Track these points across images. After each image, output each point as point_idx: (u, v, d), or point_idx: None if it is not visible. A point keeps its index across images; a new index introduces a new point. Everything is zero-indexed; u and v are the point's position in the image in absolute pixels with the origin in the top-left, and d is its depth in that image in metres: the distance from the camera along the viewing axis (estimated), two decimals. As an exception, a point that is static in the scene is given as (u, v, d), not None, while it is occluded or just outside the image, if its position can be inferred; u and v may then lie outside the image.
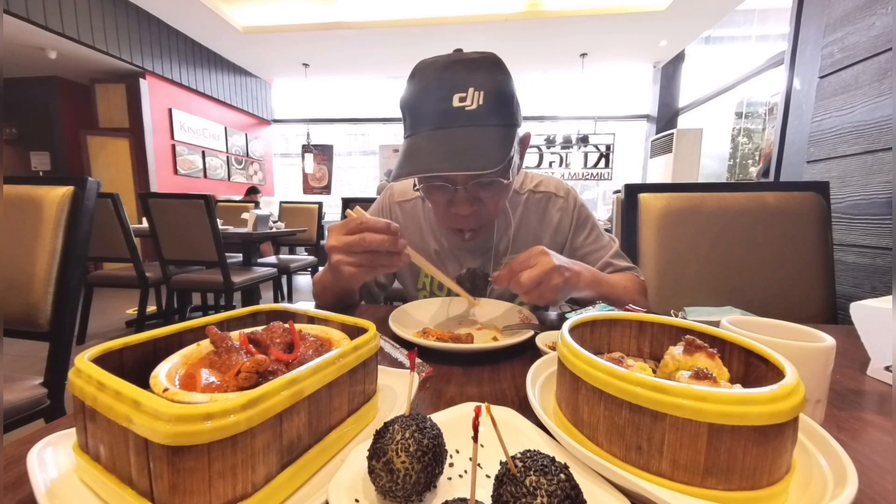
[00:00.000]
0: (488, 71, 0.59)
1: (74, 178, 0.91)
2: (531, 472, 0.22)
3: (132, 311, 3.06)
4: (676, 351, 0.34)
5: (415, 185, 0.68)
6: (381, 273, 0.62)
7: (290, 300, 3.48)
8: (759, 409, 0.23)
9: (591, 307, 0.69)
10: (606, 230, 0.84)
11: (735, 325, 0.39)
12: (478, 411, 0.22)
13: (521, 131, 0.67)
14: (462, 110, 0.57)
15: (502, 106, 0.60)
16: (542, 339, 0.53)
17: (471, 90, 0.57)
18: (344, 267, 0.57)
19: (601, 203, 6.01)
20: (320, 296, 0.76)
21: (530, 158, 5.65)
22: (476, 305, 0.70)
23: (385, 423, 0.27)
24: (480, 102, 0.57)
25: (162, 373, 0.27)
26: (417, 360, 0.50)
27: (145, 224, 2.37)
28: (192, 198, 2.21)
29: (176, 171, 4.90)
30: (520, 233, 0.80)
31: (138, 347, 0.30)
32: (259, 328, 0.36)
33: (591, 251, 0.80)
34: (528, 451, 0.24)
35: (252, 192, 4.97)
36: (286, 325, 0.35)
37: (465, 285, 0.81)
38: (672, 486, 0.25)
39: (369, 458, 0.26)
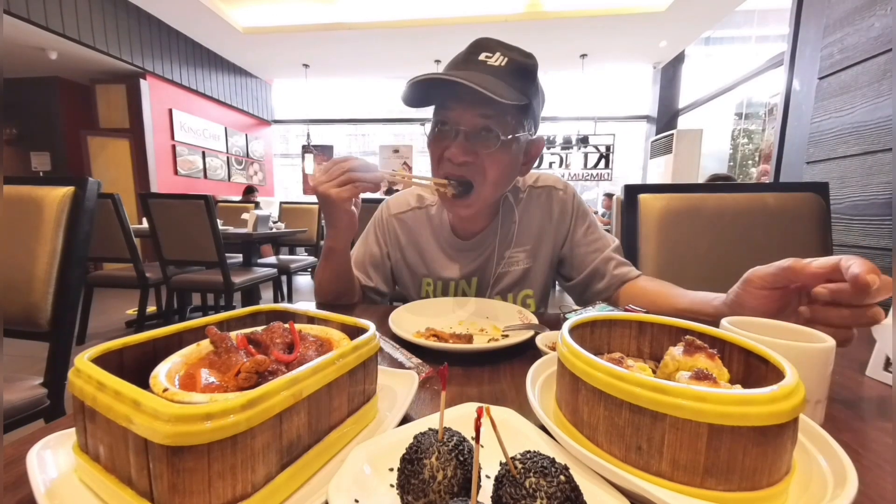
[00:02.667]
0: (522, 53, 0.65)
1: (75, 179, 0.91)
2: (531, 474, 0.22)
3: (132, 312, 3.06)
4: (676, 351, 0.34)
5: (423, 125, 0.71)
6: (361, 189, 0.63)
7: (290, 300, 3.48)
8: (759, 409, 0.23)
9: (590, 307, 0.69)
10: (606, 229, 0.85)
11: (735, 325, 0.39)
12: (480, 412, 0.21)
13: (534, 136, 0.71)
14: (484, 63, 0.63)
15: (522, 78, 0.64)
16: (542, 340, 0.53)
17: (497, 54, 0.63)
18: (330, 191, 0.61)
19: (600, 204, 6.02)
20: (321, 286, 0.77)
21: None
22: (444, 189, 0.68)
23: (415, 448, 0.25)
24: (503, 64, 0.62)
25: (162, 373, 0.27)
26: (417, 361, 0.50)
27: (145, 224, 2.37)
28: (193, 198, 2.21)
29: (176, 172, 4.90)
30: (523, 227, 0.80)
31: (138, 347, 0.30)
32: (259, 328, 0.36)
33: (590, 242, 0.80)
34: (528, 452, 0.24)
35: (249, 191, 4.96)
36: (286, 326, 0.35)
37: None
38: (672, 487, 0.24)
39: (402, 491, 0.24)
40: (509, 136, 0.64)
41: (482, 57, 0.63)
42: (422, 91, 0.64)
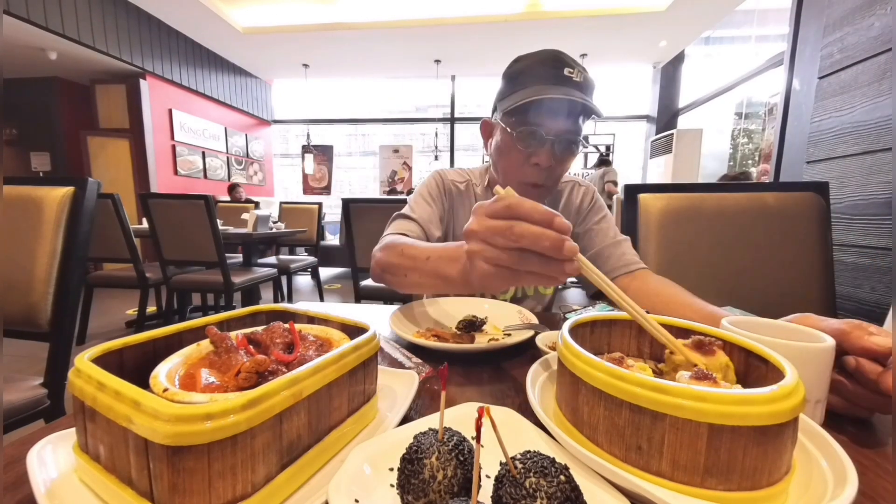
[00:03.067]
0: (585, 69, 0.72)
1: (74, 179, 0.91)
2: (531, 474, 0.22)
3: (132, 312, 3.06)
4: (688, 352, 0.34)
5: (507, 129, 0.73)
6: (529, 285, 0.55)
7: (290, 300, 3.48)
8: (759, 409, 0.23)
9: (590, 307, 0.69)
10: None
11: (735, 325, 0.39)
12: (481, 412, 0.21)
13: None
14: (570, 78, 0.69)
15: (590, 91, 0.72)
16: (542, 339, 0.53)
17: (576, 69, 0.70)
18: (478, 262, 0.39)
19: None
20: (408, 268, 0.57)
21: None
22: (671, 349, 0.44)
23: (415, 448, 0.25)
24: (582, 80, 0.70)
25: (162, 373, 0.27)
26: (417, 360, 0.50)
27: (145, 224, 2.37)
28: (192, 198, 2.20)
29: (176, 172, 4.90)
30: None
31: (138, 347, 0.30)
32: (259, 328, 0.36)
33: (602, 228, 0.86)
34: (528, 452, 0.24)
35: (232, 189, 4.91)
36: (286, 326, 0.35)
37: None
38: (672, 487, 0.24)
39: (402, 491, 0.24)
40: (581, 146, 0.74)
41: (566, 72, 0.69)
42: (529, 104, 0.69)
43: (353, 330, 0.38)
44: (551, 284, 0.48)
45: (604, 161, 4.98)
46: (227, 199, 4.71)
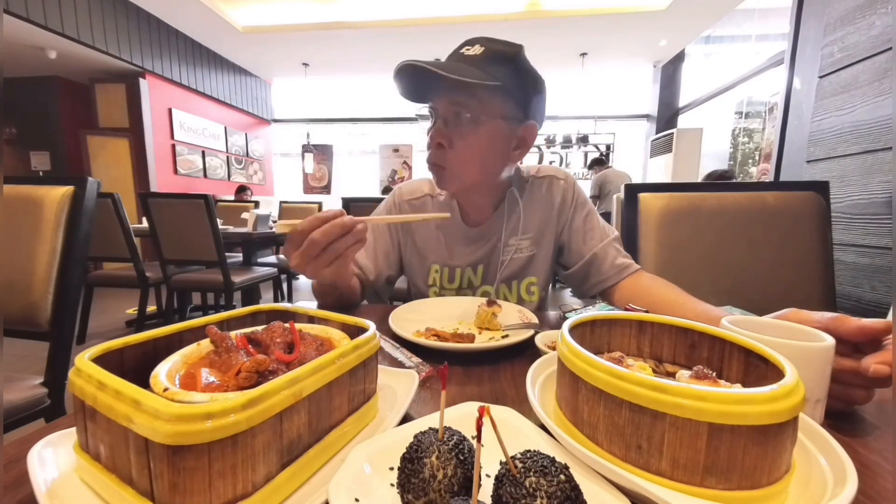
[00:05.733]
0: (503, 43, 0.67)
1: (74, 178, 0.91)
2: (531, 473, 0.22)
3: (132, 311, 3.06)
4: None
5: (423, 119, 0.73)
6: (352, 254, 0.58)
7: (290, 300, 3.48)
8: (759, 408, 0.23)
9: (590, 307, 0.69)
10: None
11: (735, 325, 0.39)
12: (481, 411, 0.21)
13: (527, 123, 0.73)
14: (462, 54, 0.66)
15: (497, 63, 0.65)
16: (542, 339, 0.53)
17: (477, 45, 0.66)
18: (319, 273, 0.57)
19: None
20: (320, 297, 0.78)
21: (530, 158, 5.66)
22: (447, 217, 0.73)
23: (415, 447, 0.25)
24: (479, 53, 0.66)
25: (162, 372, 0.27)
26: (417, 360, 0.51)
27: (145, 224, 2.37)
28: (192, 197, 2.20)
29: (176, 171, 4.90)
30: (527, 215, 0.82)
31: (138, 347, 0.30)
32: (259, 328, 0.36)
33: (589, 230, 0.82)
34: (528, 451, 0.24)
35: (241, 191, 4.93)
36: (286, 325, 0.35)
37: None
38: (672, 486, 0.25)
39: (402, 490, 0.24)
40: (482, 118, 0.67)
41: (463, 50, 0.67)
42: (410, 83, 0.69)
43: (353, 329, 0.38)
44: (359, 245, 0.57)
45: (599, 161, 4.88)
46: (228, 198, 4.71)
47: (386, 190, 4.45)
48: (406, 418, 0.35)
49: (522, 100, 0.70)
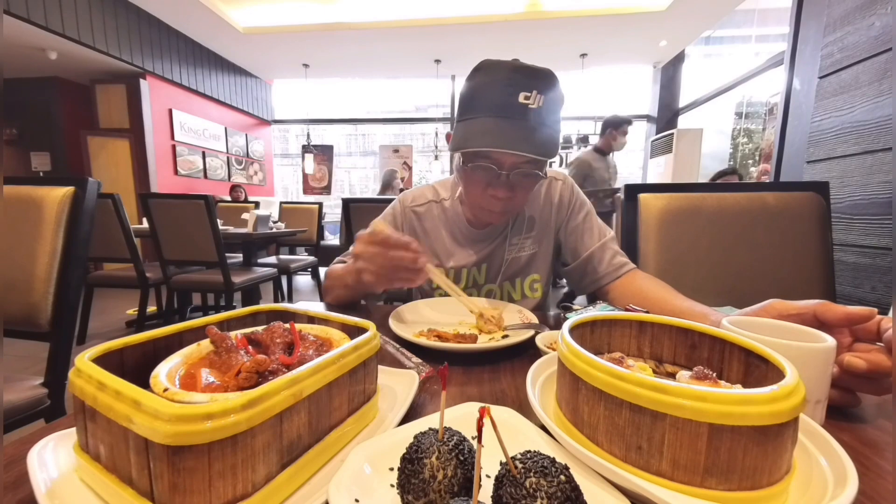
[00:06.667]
0: (549, 80, 0.66)
1: (75, 179, 0.91)
2: (531, 474, 0.22)
3: (132, 312, 3.06)
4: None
5: (462, 161, 0.71)
6: (399, 286, 0.64)
7: (290, 300, 3.48)
8: (759, 409, 0.23)
9: (591, 307, 0.69)
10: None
11: (735, 325, 0.39)
12: (482, 412, 0.21)
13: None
14: (526, 107, 0.64)
15: (555, 111, 0.68)
16: (542, 339, 0.53)
17: (535, 92, 0.64)
18: (365, 275, 0.63)
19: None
20: (332, 287, 0.80)
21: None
22: (476, 314, 0.67)
23: (415, 448, 0.25)
24: (541, 104, 0.65)
25: (162, 373, 0.27)
26: (417, 360, 0.50)
27: (145, 224, 2.37)
28: (193, 198, 2.20)
29: (176, 172, 4.89)
30: (529, 215, 0.85)
31: (138, 347, 0.30)
32: (259, 328, 0.36)
33: (587, 229, 0.84)
34: (529, 451, 0.24)
35: (233, 189, 4.94)
36: (286, 326, 0.35)
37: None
38: (672, 486, 0.24)
39: (402, 490, 0.24)
40: (545, 170, 0.70)
41: (521, 99, 0.64)
42: (474, 145, 0.66)
43: (353, 330, 0.38)
44: (411, 285, 0.64)
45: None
46: (228, 199, 4.71)
47: (386, 184, 4.42)
48: (406, 418, 0.35)
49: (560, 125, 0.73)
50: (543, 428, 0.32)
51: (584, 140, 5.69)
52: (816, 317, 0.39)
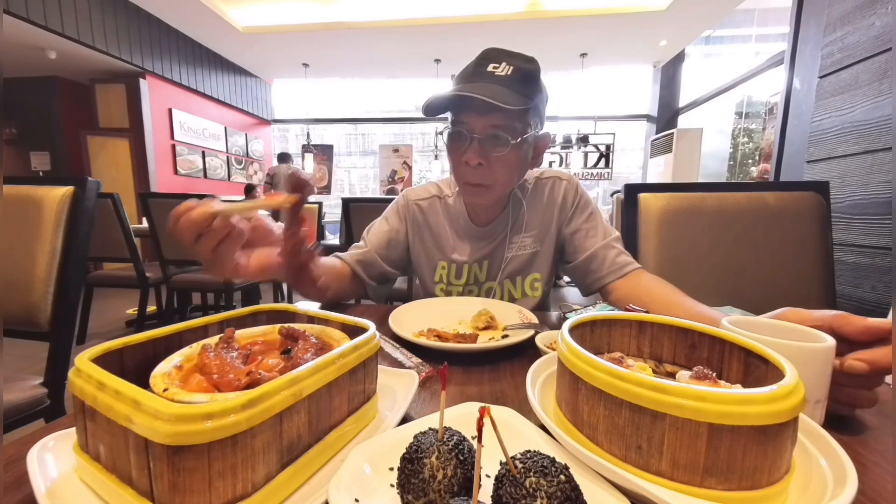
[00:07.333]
0: (524, 59, 0.69)
1: (74, 179, 0.91)
2: (531, 473, 0.22)
3: (132, 311, 3.06)
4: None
5: (441, 133, 0.74)
6: (236, 243, 0.47)
7: (290, 300, 3.48)
8: (759, 409, 0.23)
9: (591, 307, 0.69)
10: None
11: (735, 325, 0.39)
12: (482, 412, 0.21)
13: (540, 132, 0.76)
14: (492, 73, 0.67)
15: (527, 83, 0.68)
16: (542, 339, 0.53)
17: (503, 63, 0.67)
18: (204, 268, 0.49)
19: (601, 203, 6.01)
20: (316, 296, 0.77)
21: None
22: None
23: (415, 447, 0.25)
24: (509, 73, 0.67)
25: (162, 373, 0.27)
26: (417, 360, 0.51)
27: (145, 224, 2.36)
28: (193, 198, 2.20)
29: (176, 171, 4.90)
30: (531, 214, 0.85)
31: (138, 347, 0.30)
32: (288, 325, 0.36)
33: (591, 228, 0.84)
34: (528, 451, 0.24)
35: (249, 190, 4.93)
36: (316, 341, 0.35)
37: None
38: (672, 486, 0.25)
39: (402, 490, 0.24)
40: (518, 140, 0.69)
41: (490, 68, 0.67)
42: (443, 104, 0.70)
43: (353, 329, 0.38)
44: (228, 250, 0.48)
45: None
46: (228, 198, 4.70)
47: (391, 192, 4.43)
48: (406, 418, 0.35)
49: (541, 113, 0.74)
50: (543, 428, 0.32)
51: (583, 140, 5.69)
52: (833, 329, 0.37)
